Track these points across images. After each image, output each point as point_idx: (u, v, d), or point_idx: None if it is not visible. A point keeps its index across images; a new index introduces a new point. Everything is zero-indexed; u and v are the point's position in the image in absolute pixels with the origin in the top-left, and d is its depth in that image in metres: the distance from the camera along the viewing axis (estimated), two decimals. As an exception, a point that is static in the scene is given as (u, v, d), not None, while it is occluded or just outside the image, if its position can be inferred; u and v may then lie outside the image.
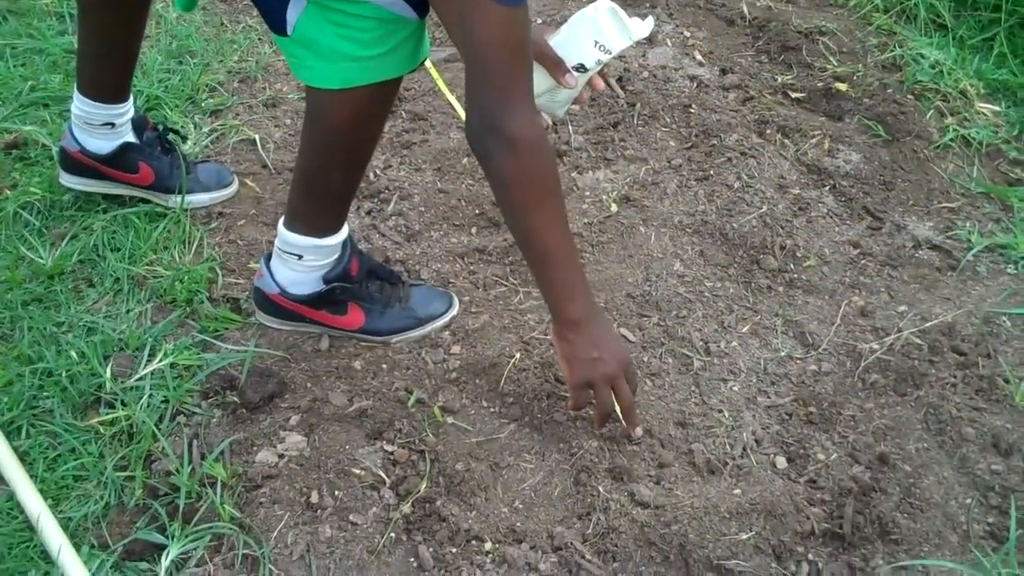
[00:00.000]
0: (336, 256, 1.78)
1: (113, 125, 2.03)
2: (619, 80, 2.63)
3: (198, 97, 2.56)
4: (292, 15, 1.46)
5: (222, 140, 2.43)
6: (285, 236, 1.73)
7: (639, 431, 1.71)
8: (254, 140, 2.44)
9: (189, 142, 2.36)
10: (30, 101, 2.48)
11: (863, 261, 2.17)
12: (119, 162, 2.07)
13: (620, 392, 1.63)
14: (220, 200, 2.21)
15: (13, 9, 2.82)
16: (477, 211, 2.23)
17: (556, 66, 1.60)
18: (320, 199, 1.71)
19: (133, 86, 2.09)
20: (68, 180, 2.12)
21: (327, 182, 1.68)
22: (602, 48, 1.59)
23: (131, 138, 2.07)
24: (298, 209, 1.72)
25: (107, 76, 1.98)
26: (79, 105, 1.99)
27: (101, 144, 2.05)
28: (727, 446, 1.72)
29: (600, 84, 1.67)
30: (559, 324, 1.59)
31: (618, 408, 1.65)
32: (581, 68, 1.61)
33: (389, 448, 1.67)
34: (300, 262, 1.75)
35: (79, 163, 2.08)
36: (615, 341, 1.66)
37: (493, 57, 1.34)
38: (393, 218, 2.20)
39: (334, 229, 1.75)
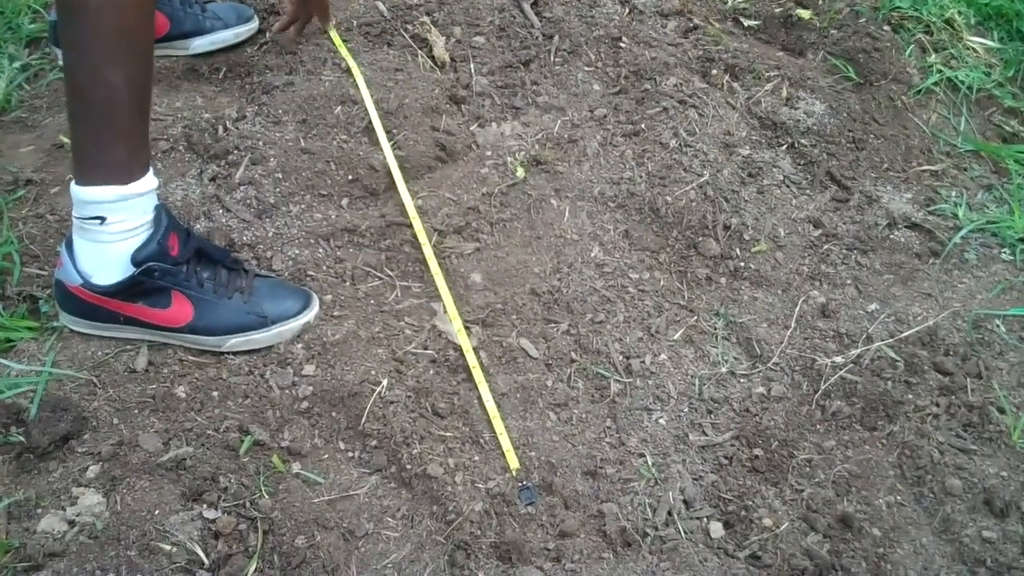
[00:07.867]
0: (149, 219, 1.47)
1: None
2: (533, 5, 2.22)
3: (17, 21, 2.18)
4: None
5: (38, 79, 2.06)
6: (79, 195, 1.43)
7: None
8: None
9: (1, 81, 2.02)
10: None
11: (826, 245, 1.89)
12: None
13: None
14: (244, 38, 2.11)
15: None
16: (350, 177, 1.85)
17: None
18: (104, 121, 1.40)
19: None
20: None
21: (107, 92, 1.38)
22: None
23: None
24: (84, 149, 1.42)
25: None
26: None
27: None
28: (648, 508, 1.45)
29: None
30: None
31: None
32: None
33: (210, 514, 1.37)
34: (105, 228, 1.44)
35: None
36: None
37: None
38: (242, 188, 1.81)
39: (135, 167, 1.44)
